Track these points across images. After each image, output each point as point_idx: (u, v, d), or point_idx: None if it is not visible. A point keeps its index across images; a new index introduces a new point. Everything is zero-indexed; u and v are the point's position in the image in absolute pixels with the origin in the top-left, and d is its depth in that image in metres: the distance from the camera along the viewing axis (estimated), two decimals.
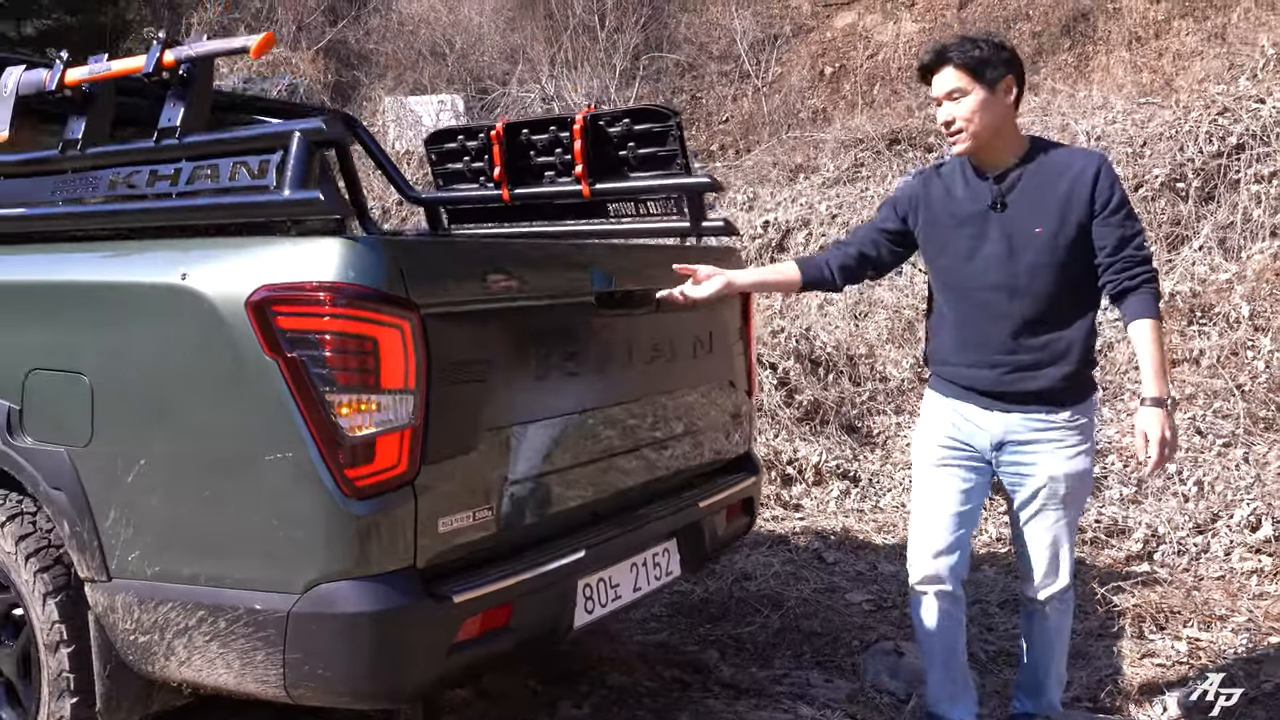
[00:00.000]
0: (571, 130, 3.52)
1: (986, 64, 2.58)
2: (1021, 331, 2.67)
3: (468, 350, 2.30)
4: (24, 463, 2.43)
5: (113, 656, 2.39)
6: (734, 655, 3.70)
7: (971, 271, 2.71)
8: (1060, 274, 2.62)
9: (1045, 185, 2.62)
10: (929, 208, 2.78)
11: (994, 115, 2.60)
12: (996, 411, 2.74)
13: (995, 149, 2.65)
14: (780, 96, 14.80)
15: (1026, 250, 2.63)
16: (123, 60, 2.41)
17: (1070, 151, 2.73)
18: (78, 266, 2.47)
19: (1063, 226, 2.59)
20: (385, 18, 15.70)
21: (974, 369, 2.75)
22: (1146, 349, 2.58)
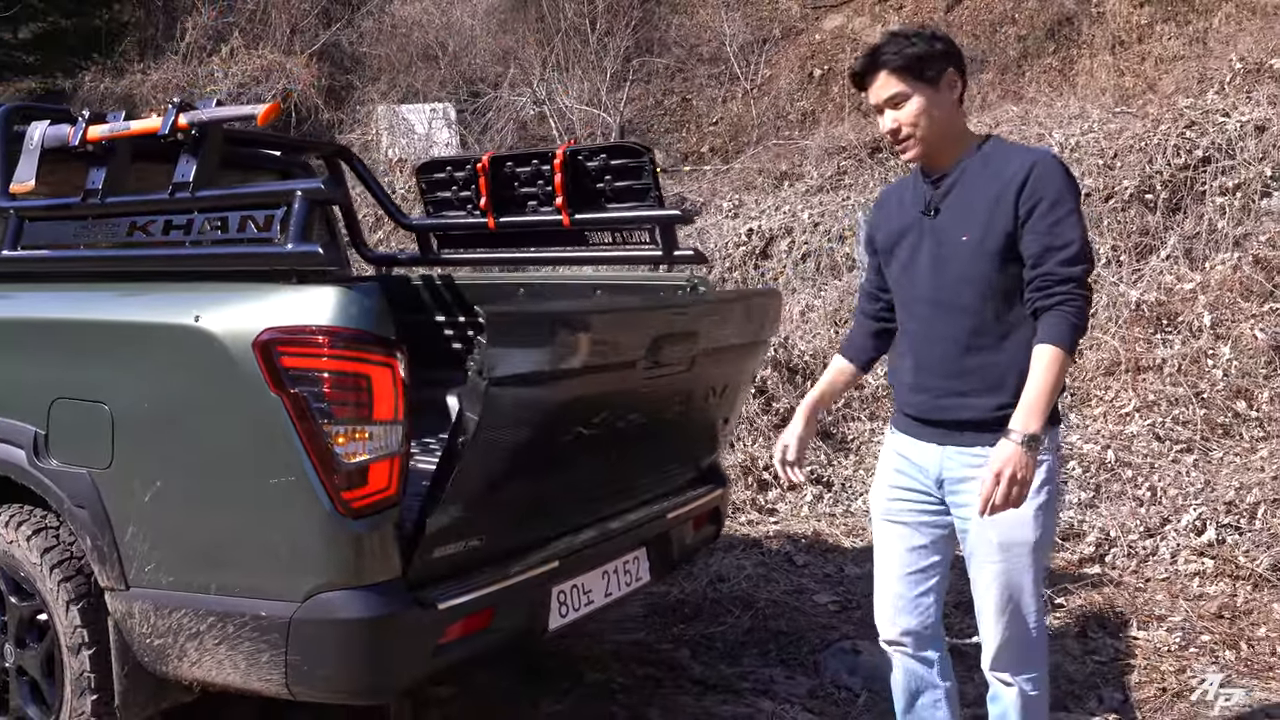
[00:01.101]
0: (552, 164, 3.78)
1: (925, 61, 2.33)
2: (951, 352, 2.40)
3: None
4: (49, 483, 2.69)
5: (130, 658, 2.65)
6: (705, 653, 3.96)
7: (908, 283, 2.49)
8: (987, 288, 2.34)
9: (978, 189, 2.35)
10: (887, 222, 2.57)
11: (942, 115, 2.36)
12: (933, 444, 2.46)
13: (945, 151, 2.40)
14: (770, 99, 15.04)
15: (954, 260, 2.37)
16: (141, 121, 2.66)
17: (1014, 150, 2.42)
18: (100, 305, 2.72)
19: (988, 234, 2.31)
20: (379, 21, 15.89)
21: (912, 393, 2.50)
22: (1034, 376, 2.24)
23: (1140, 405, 6.34)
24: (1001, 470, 2.21)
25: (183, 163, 2.61)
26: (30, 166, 2.80)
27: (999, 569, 2.41)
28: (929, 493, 2.51)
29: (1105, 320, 7.11)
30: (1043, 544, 2.42)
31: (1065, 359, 2.26)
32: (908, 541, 2.57)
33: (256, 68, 13.30)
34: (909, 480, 2.54)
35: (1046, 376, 2.24)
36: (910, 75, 2.34)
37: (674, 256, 3.75)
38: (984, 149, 2.42)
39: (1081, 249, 2.28)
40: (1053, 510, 2.45)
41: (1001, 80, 13.70)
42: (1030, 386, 2.25)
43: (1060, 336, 2.25)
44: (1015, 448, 2.22)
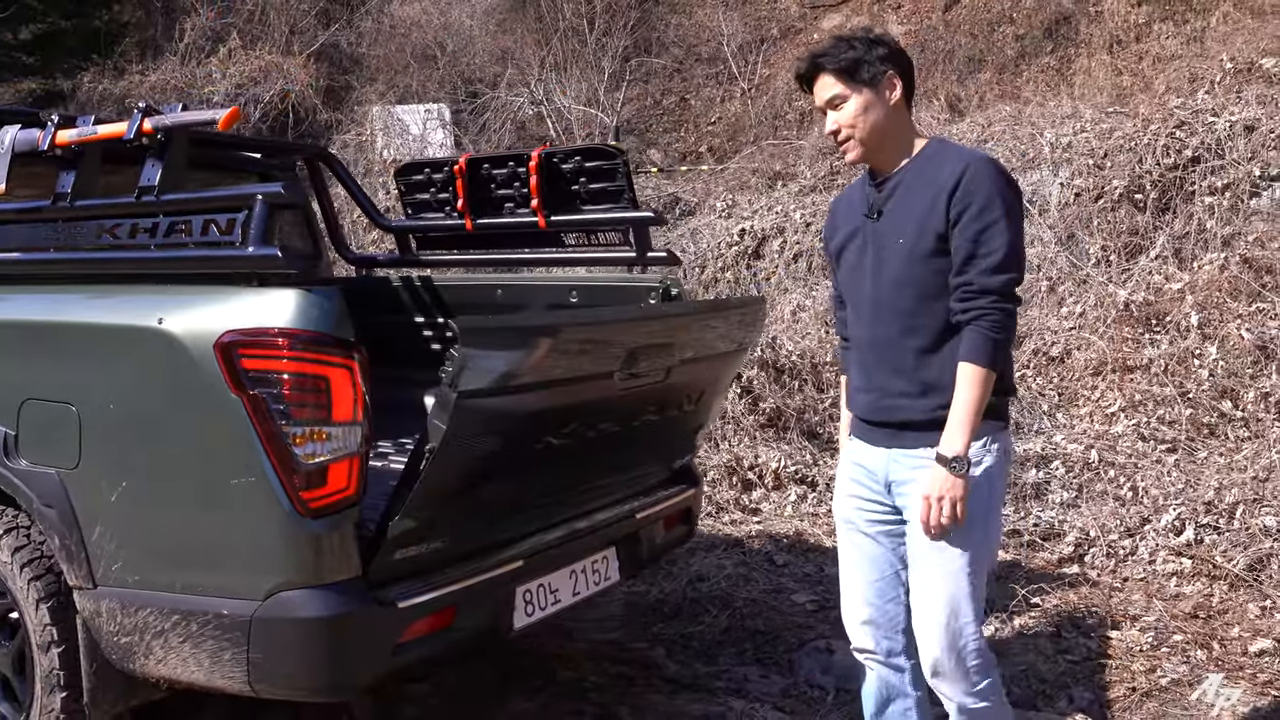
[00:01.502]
0: (528, 166, 3.81)
1: (861, 64, 2.35)
2: (890, 354, 2.42)
3: None
4: (19, 483, 2.73)
5: (98, 656, 2.68)
6: (681, 652, 3.99)
7: (853, 286, 2.51)
8: (922, 291, 2.35)
9: (915, 192, 2.36)
10: (837, 226, 2.60)
11: (879, 117, 2.37)
12: (880, 447, 2.47)
13: (887, 153, 2.41)
14: (767, 99, 15.08)
15: (891, 263, 2.39)
16: (108, 125, 2.69)
17: (953, 152, 2.41)
18: (68, 308, 2.76)
19: (921, 237, 2.33)
20: (377, 21, 15.93)
21: (859, 393, 2.52)
22: (956, 397, 2.27)
23: (1126, 405, 6.36)
24: (929, 494, 2.28)
25: (148, 167, 2.64)
26: (2, 170, 2.83)
27: (932, 573, 2.38)
28: (882, 499, 2.51)
29: (1094, 320, 7.13)
30: (980, 550, 2.39)
31: (985, 375, 2.27)
32: (868, 550, 2.56)
33: (254, 68, 13.34)
34: (863, 488, 2.54)
35: (966, 396, 2.27)
36: (848, 77, 2.37)
37: (647, 258, 3.78)
38: (926, 151, 2.42)
39: (1006, 258, 2.27)
40: (993, 516, 2.45)
41: (999, 80, 13.71)
42: (953, 409, 2.29)
43: (976, 353, 2.27)
44: (942, 471, 2.27)
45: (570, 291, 3.92)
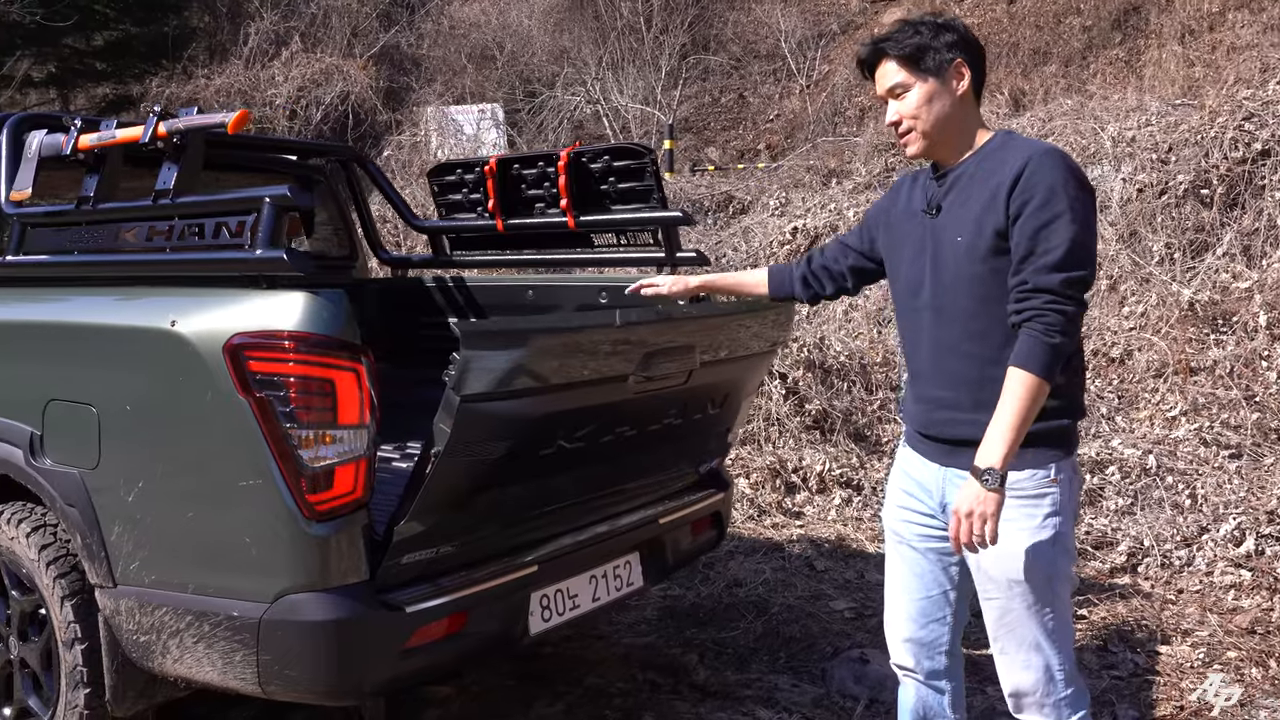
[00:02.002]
0: (556, 166, 3.78)
1: (927, 50, 2.21)
2: (947, 363, 2.25)
3: None
4: (44, 482, 2.77)
5: (119, 653, 2.71)
6: (713, 659, 3.93)
7: (907, 285, 2.36)
8: (982, 293, 2.19)
9: (976, 187, 2.20)
10: (890, 220, 2.45)
11: (945, 107, 2.22)
12: (934, 463, 2.32)
13: (951, 147, 2.26)
14: (826, 95, 14.91)
15: (949, 262, 2.23)
16: (125, 129, 2.72)
17: (1018, 145, 2.22)
18: (88, 309, 2.80)
19: (979, 236, 2.17)
20: (437, 23, 16.09)
21: (913, 404, 2.38)
22: (1000, 405, 2.09)
23: (1188, 408, 6.15)
24: (959, 508, 2.12)
25: (164, 170, 2.65)
26: (29, 174, 2.88)
27: (1000, 605, 2.25)
28: (935, 517, 2.35)
29: (1156, 320, 6.91)
30: (1051, 584, 2.22)
31: (1035, 384, 2.06)
32: (916, 567, 2.42)
33: (316, 71, 13.55)
34: (915, 501, 2.39)
35: (1012, 406, 2.07)
36: (913, 65, 2.23)
37: (677, 258, 3.73)
38: (990, 144, 2.25)
39: (1066, 255, 2.07)
40: (1063, 548, 2.23)
41: (1065, 73, 13.40)
42: (995, 418, 2.09)
43: (1028, 358, 2.07)
44: (975, 485, 2.09)
45: (600, 292, 3.88)
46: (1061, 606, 2.27)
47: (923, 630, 2.44)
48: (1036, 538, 2.19)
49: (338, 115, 13.27)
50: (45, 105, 16.04)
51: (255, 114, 13.06)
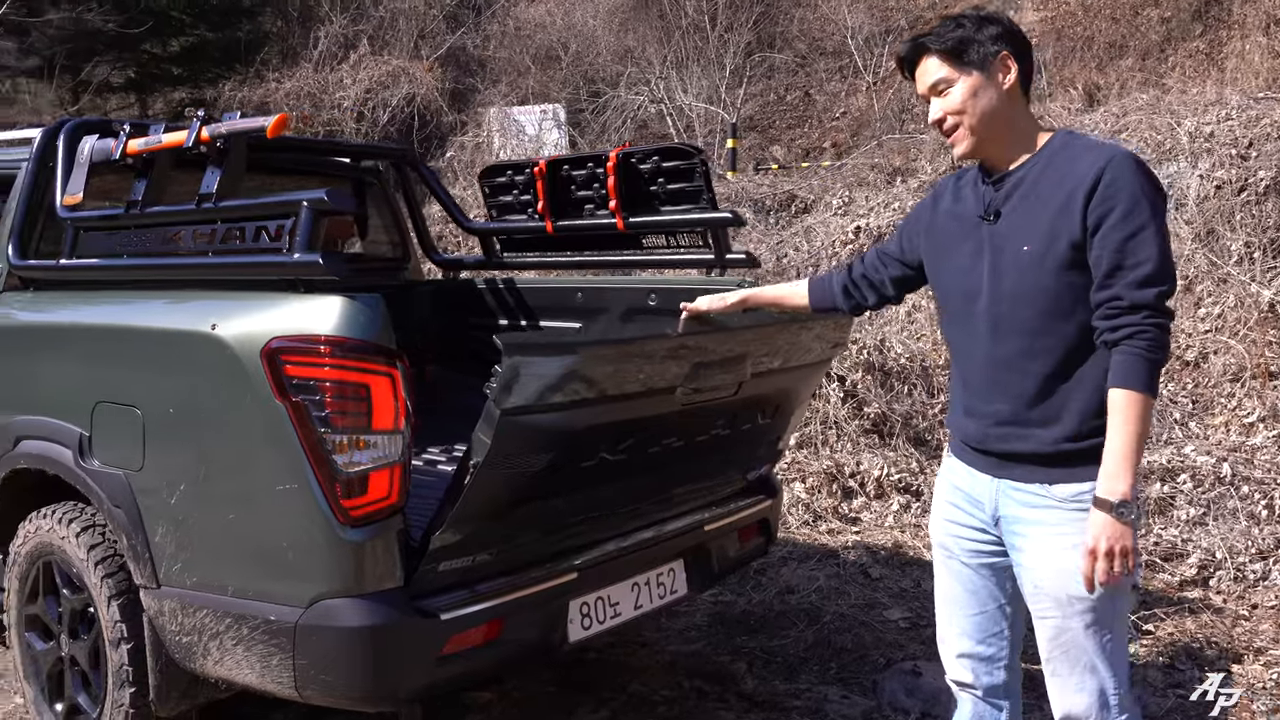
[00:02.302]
0: (605, 167, 3.75)
1: (970, 43, 2.12)
2: (1007, 376, 2.15)
3: None
4: (91, 483, 2.81)
5: (163, 654, 2.74)
6: (762, 668, 3.86)
7: (961, 294, 2.24)
8: (1052, 307, 2.08)
9: (1043, 192, 2.09)
10: (933, 224, 2.34)
11: (991, 102, 2.11)
12: (988, 475, 2.23)
13: (1002, 145, 2.15)
14: (893, 91, 14.68)
15: (1013, 273, 2.12)
16: (170, 134, 2.74)
17: (1087, 147, 2.11)
18: (134, 312, 2.83)
19: (1052, 246, 2.06)
20: (503, 24, 16.18)
21: (965, 417, 2.26)
22: (1112, 431, 2.00)
23: (1267, 414, 5.91)
24: (1096, 547, 1.99)
25: (209, 173, 2.67)
26: (80, 179, 2.92)
27: (1055, 625, 2.15)
28: (986, 529, 2.27)
29: (1234, 322, 6.67)
30: (1113, 602, 2.11)
31: (1145, 402, 1.98)
32: (969, 583, 2.33)
33: (382, 73, 13.71)
34: (965, 515, 2.30)
35: (1126, 430, 1.98)
36: (955, 59, 2.13)
37: (726, 260, 3.67)
38: (1052, 146, 2.14)
39: (1158, 268, 1.98)
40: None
41: (1142, 67, 13.01)
42: (1110, 445, 1.99)
43: (1134, 379, 1.98)
44: (1106, 519, 1.98)
45: (650, 294, 3.84)
46: (1120, 626, 2.17)
47: (980, 645, 2.35)
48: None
49: (404, 117, 13.42)
50: (125, 110, 16.50)
51: (323, 116, 13.26)
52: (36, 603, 3.10)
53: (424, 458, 3.64)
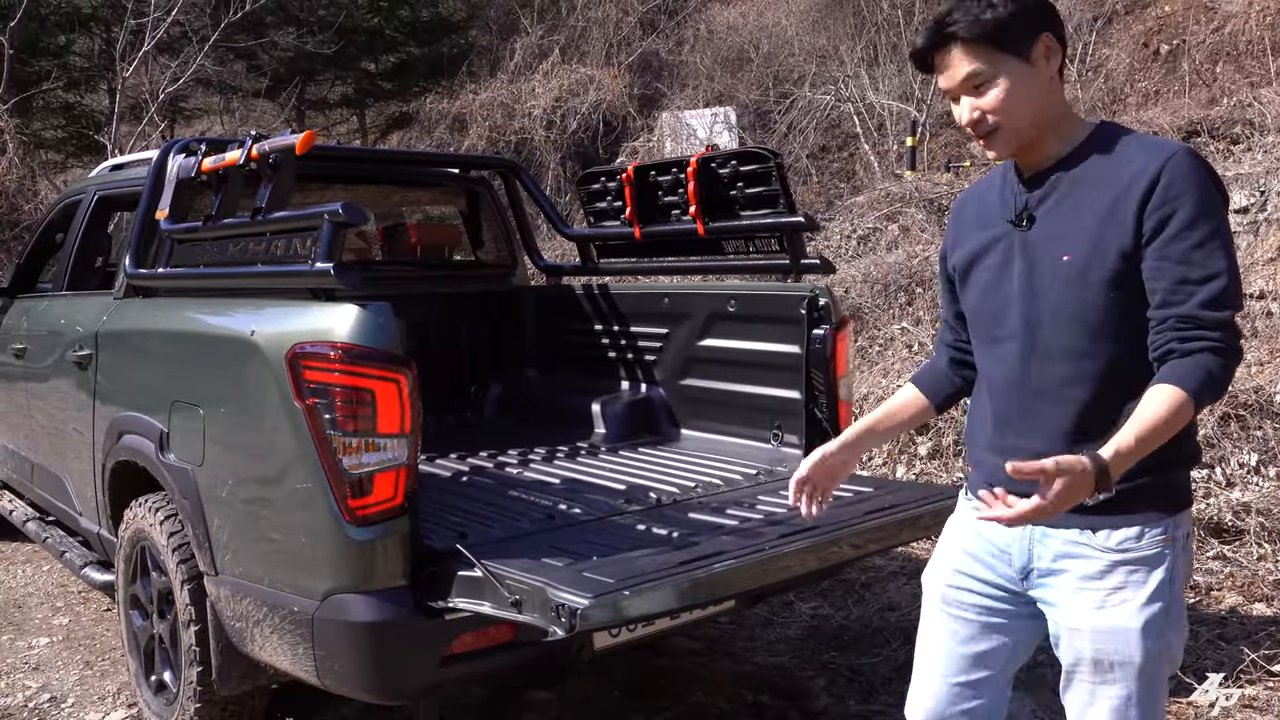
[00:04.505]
0: (686, 172, 3.74)
1: (1006, 26, 1.80)
2: (1045, 407, 1.86)
3: None
4: (167, 475, 3.05)
5: (223, 637, 2.94)
6: (843, 686, 3.73)
7: (990, 311, 1.96)
8: (1096, 325, 1.80)
9: (1086, 193, 1.82)
10: (961, 234, 2.06)
11: (1036, 96, 1.82)
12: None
13: (1041, 143, 1.87)
14: (1102, 80, 13.78)
15: (1051, 286, 1.84)
16: (229, 152, 2.95)
17: (1138, 143, 1.82)
18: (198, 317, 3.07)
19: (1098, 255, 1.78)
20: (695, 28, 16.29)
21: (992, 454, 1.94)
22: (1140, 408, 1.70)
23: None
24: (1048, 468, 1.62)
25: (263, 187, 2.85)
26: (168, 195, 3.18)
27: (1089, 689, 1.86)
28: (1006, 586, 1.96)
29: None
30: (1159, 666, 1.82)
31: (1186, 407, 1.68)
32: (967, 645, 2.02)
33: (572, 81, 14.09)
34: (982, 567, 1.99)
35: (1154, 412, 1.67)
36: (991, 47, 1.80)
37: (800, 265, 3.58)
38: (1095, 139, 1.84)
39: (1230, 283, 1.71)
40: (1177, 626, 1.83)
41: None
42: (1133, 424, 1.68)
43: (1190, 380, 1.69)
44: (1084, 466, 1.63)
45: (729, 300, 3.79)
46: (1163, 693, 1.88)
47: (954, 711, 2.04)
48: (1148, 612, 1.79)
49: (591, 124, 13.74)
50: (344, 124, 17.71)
51: (515, 125, 13.74)
52: (136, 583, 3.40)
53: (519, 459, 3.74)
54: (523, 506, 3.10)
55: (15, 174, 11.51)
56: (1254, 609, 4.03)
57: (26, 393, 4.47)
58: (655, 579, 2.33)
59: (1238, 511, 4.56)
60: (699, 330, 3.90)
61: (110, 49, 14.00)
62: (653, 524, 2.85)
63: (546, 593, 2.22)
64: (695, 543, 2.65)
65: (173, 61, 13.21)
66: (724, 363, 3.81)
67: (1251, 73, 11.94)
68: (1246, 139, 8.43)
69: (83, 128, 14.64)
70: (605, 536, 2.75)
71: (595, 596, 2.18)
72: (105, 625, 4.47)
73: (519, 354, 4.64)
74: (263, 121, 15.75)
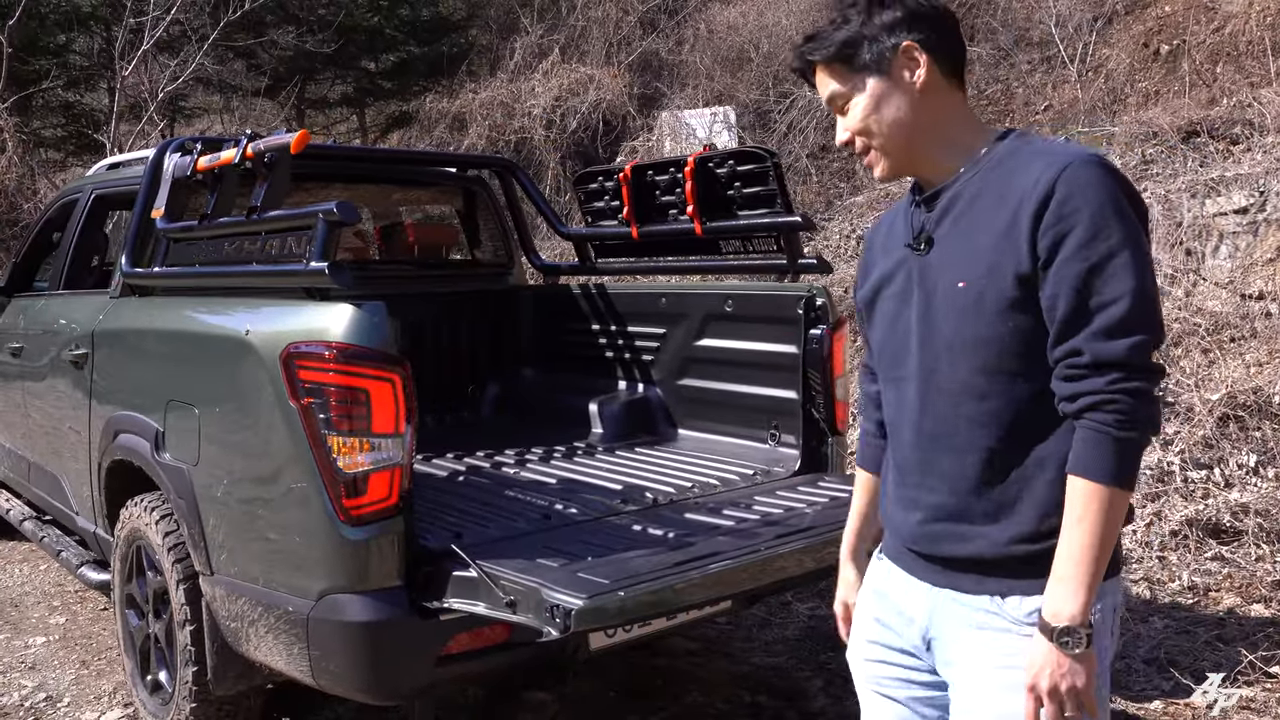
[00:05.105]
0: (684, 172, 3.74)
1: (859, 43, 1.65)
2: (942, 458, 1.64)
3: None
4: (162, 474, 3.05)
5: (218, 636, 2.93)
6: (840, 686, 3.72)
7: (892, 349, 1.75)
8: (996, 362, 1.57)
9: (983, 212, 1.59)
10: (870, 263, 1.84)
11: (903, 110, 1.64)
12: (924, 582, 1.70)
13: (931, 159, 1.68)
14: (1102, 80, 13.77)
15: (946, 317, 1.62)
16: (225, 151, 2.94)
17: (1040, 151, 1.59)
18: (193, 317, 3.07)
19: (994, 280, 1.55)
20: (696, 28, 16.27)
21: (895, 507, 1.75)
22: (1064, 533, 1.49)
23: None
24: (1036, 682, 1.49)
25: (258, 186, 2.84)
26: (164, 194, 3.18)
27: None
28: (917, 656, 1.73)
29: None
30: None
31: (1110, 496, 1.46)
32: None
33: (572, 80, 14.07)
34: (891, 635, 1.76)
35: (1083, 531, 1.47)
36: (845, 66, 1.67)
37: (798, 265, 3.58)
38: (997, 152, 1.63)
39: (1133, 310, 1.46)
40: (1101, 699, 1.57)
41: None
42: (1060, 551, 1.49)
43: (1096, 464, 1.47)
44: (1049, 649, 1.48)
45: (726, 300, 3.79)
46: None
47: None
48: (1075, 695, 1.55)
49: (591, 123, 13.72)
50: (344, 123, 17.70)
51: (515, 124, 13.73)
52: (131, 583, 3.39)
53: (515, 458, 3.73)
54: (519, 506, 3.10)
55: (14, 172, 11.49)
56: (1252, 610, 4.03)
57: (23, 391, 4.47)
58: (650, 579, 2.33)
59: (1236, 512, 4.56)
60: (696, 330, 3.89)
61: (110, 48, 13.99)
62: (649, 524, 2.85)
63: (541, 593, 2.22)
64: (691, 543, 2.65)
65: (172, 60, 13.18)
66: (721, 363, 3.81)
67: (1252, 73, 11.93)
68: (1246, 139, 8.42)
69: (82, 126, 14.63)
70: (601, 537, 2.74)
71: (590, 597, 2.18)
72: (101, 624, 4.46)
73: (516, 353, 4.63)
74: (262, 120, 15.75)
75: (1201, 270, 7.02)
